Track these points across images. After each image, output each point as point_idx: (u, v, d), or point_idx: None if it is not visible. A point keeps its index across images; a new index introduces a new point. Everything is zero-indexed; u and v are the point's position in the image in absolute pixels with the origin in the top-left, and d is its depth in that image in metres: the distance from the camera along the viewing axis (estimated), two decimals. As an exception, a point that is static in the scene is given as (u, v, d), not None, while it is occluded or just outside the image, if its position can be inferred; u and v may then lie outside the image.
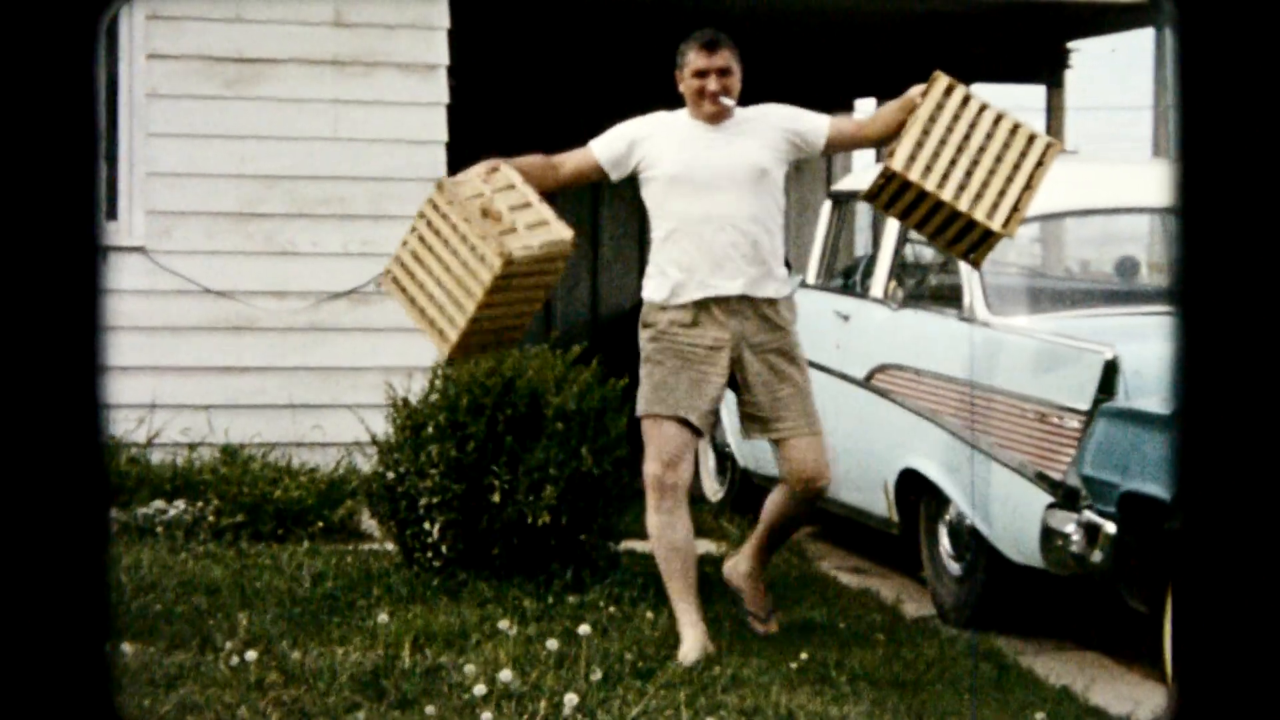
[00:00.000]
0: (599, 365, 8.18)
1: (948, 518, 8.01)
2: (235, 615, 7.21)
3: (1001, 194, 6.69)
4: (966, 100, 6.79)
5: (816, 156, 7.28)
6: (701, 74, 6.95)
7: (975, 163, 6.70)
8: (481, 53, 13.38)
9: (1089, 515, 6.83)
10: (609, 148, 7.03)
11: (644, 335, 7.02)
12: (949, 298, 8.11)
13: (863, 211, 10.94)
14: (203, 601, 7.52)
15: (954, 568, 7.98)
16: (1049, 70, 15.84)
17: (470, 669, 6.47)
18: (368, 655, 6.67)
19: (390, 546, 8.38)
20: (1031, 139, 6.79)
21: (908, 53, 15.80)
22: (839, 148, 7.34)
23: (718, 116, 6.97)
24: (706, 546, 8.96)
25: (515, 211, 6.51)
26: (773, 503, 7.27)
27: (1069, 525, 6.93)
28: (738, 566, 7.41)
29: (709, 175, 6.89)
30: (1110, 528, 6.74)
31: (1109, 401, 6.85)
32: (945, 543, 8.05)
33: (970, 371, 7.63)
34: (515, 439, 7.85)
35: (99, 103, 2.14)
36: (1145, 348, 6.96)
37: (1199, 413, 2.13)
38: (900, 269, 8.74)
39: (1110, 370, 6.88)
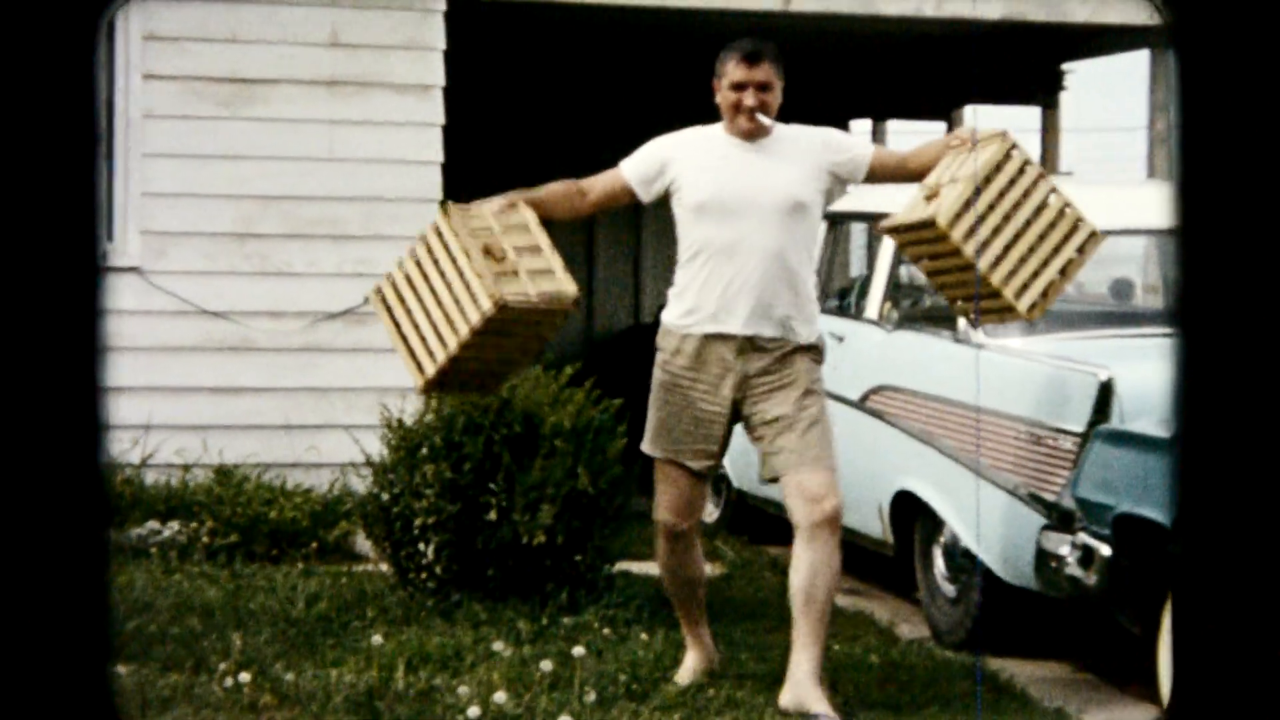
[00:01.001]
0: (593, 386, 8.17)
1: (942, 539, 8.01)
2: (229, 636, 7.20)
3: (1035, 275, 6.36)
4: (1024, 167, 6.41)
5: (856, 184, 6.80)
6: (739, 87, 6.50)
7: (1018, 235, 6.34)
8: (478, 74, 13.38)
9: (1084, 537, 6.83)
10: (639, 168, 6.64)
11: (657, 359, 6.68)
12: (944, 319, 8.11)
13: (858, 232, 10.94)
14: (197, 623, 7.51)
15: (948, 589, 7.98)
16: (1044, 91, 15.87)
17: (464, 690, 6.47)
18: (362, 677, 6.66)
19: (385, 567, 8.37)
20: (1077, 224, 6.43)
21: (903, 74, 15.84)
22: (879, 180, 6.79)
23: (753, 134, 6.52)
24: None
25: (522, 254, 6.21)
26: (792, 569, 6.47)
27: (1063, 547, 6.94)
28: (795, 676, 6.38)
29: (739, 203, 6.45)
30: (1105, 550, 6.74)
31: (1104, 423, 6.86)
32: (940, 564, 8.05)
33: (966, 392, 7.63)
34: (511, 458, 7.84)
35: (99, 106, 2.14)
36: (1140, 369, 6.97)
37: (1198, 433, 2.13)
38: (895, 290, 8.74)
39: (1105, 392, 6.88)
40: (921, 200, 6.40)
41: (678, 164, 6.56)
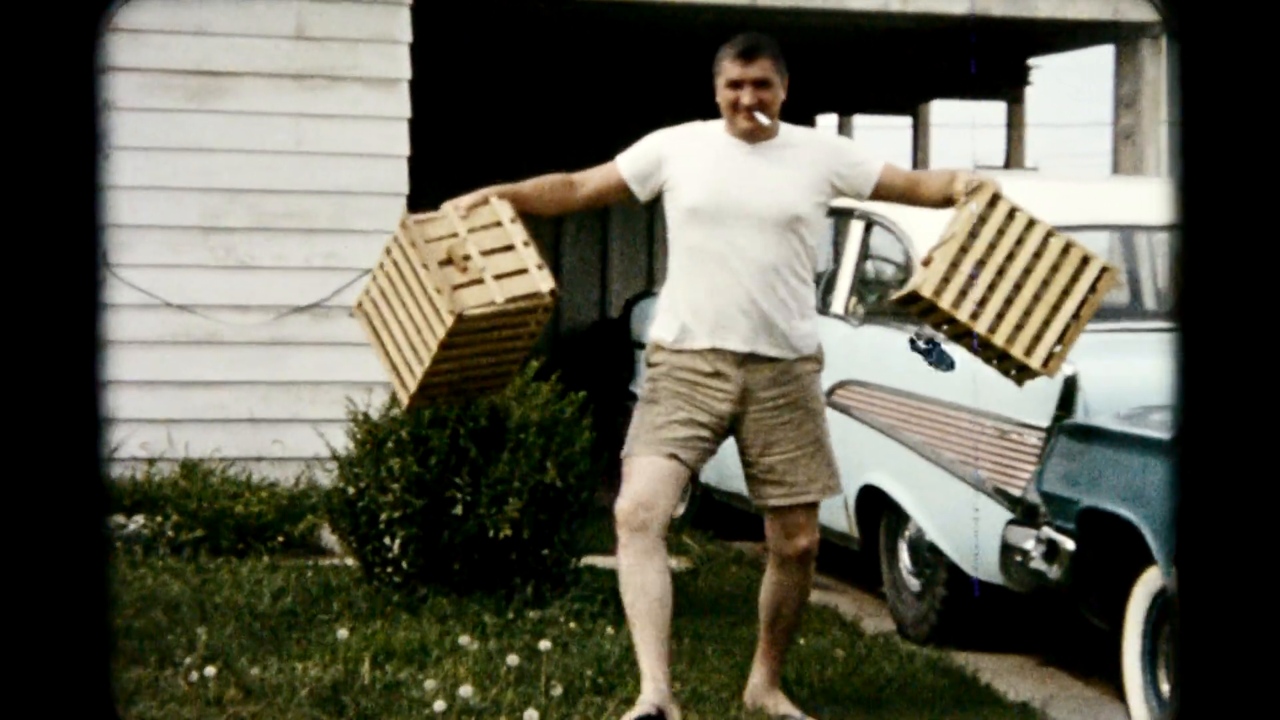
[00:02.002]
0: (558, 381, 8.18)
1: (907, 534, 8.04)
2: (194, 631, 7.19)
3: (1046, 325, 5.85)
4: (1013, 214, 5.90)
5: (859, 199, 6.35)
6: (735, 85, 6.09)
7: (1018, 287, 5.85)
8: (445, 67, 13.37)
9: (1048, 531, 6.86)
10: (635, 163, 6.23)
11: (645, 376, 6.29)
12: (908, 315, 8.13)
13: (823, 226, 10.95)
14: (162, 617, 7.50)
15: (913, 584, 8.00)
16: (1010, 86, 15.92)
17: (430, 685, 6.47)
18: (327, 671, 6.66)
19: (350, 562, 8.36)
20: (1085, 262, 5.91)
21: (869, 69, 15.86)
22: (883, 199, 6.33)
23: (753, 134, 6.11)
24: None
25: (490, 256, 5.90)
26: (763, 586, 6.42)
27: (1028, 541, 6.96)
28: (753, 680, 6.47)
29: (734, 209, 6.04)
30: (1069, 544, 6.77)
31: (1068, 418, 6.88)
32: (905, 559, 8.08)
33: (931, 387, 7.65)
34: (478, 452, 7.84)
35: (102, 105, 2.13)
36: (1105, 364, 7.00)
37: (1199, 434, 2.13)
38: (861, 285, 8.76)
39: (1070, 387, 6.91)
40: (920, 270, 6.00)
41: (674, 161, 6.17)
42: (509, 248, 5.97)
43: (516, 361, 6.30)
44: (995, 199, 5.89)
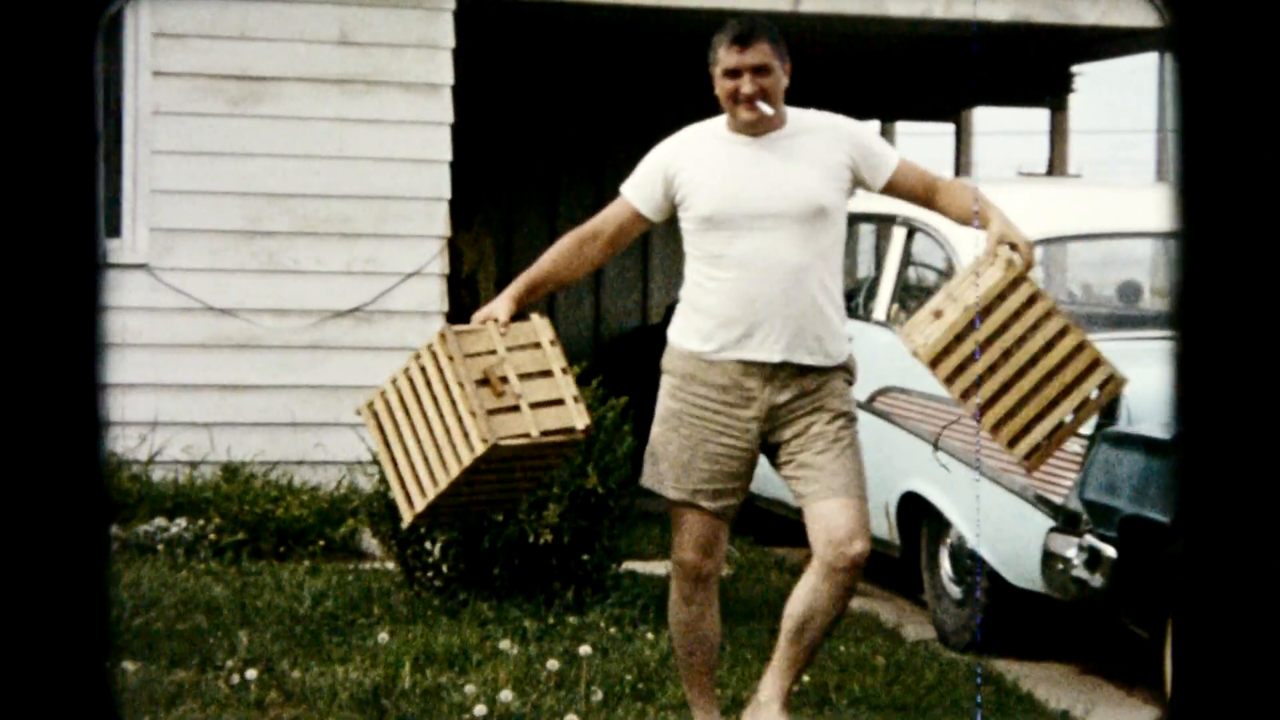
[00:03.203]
0: (600, 386, 8.17)
1: (949, 541, 8.02)
2: (236, 634, 7.21)
3: (1038, 419, 5.52)
4: (1033, 300, 5.51)
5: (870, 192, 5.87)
6: (733, 74, 5.62)
7: (1020, 374, 5.52)
8: (487, 73, 13.39)
9: (1090, 539, 6.83)
10: (641, 189, 5.79)
11: (664, 384, 5.81)
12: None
13: (865, 234, 10.95)
14: (203, 620, 7.53)
15: (955, 591, 7.98)
16: (1053, 93, 15.87)
17: (470, 689, 6.47)
18: (368, 675, 6.67)
19: (391, 566, 8.38)
20: (1094, 365, 5.55)
21: (911, 76, 15.84)
22: (895, 195, 5.83)
23: (757, 125, 5.64)
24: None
25: (528, 381, 5.53)
26: (795, 594, 5.80)
27: (1070, 549, 6.93)
28: (760, 698, 5.81)
29: (752, 211, 5.59)
30: (1111, 552, 6.74)
31: (1110, 426, 6.86)
32: (946, 566, 8.06)
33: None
34: (517, 459, 7.84)
35: (98, 104, 2.13)
36: (1147, 372, 6.96)
37: (1200, 436, 2.13)
38: (903, 292, 8.74)
39: (1112, 395, 6.88)
40: (929, 316, 5.62)
41: (680, 172, 5.71)
42: (546, 373, 5.58)
43: (530, 490, 5.94)
44: (1019, 279, 5.50)
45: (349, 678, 6.63)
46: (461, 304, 14.43)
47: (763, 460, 6.02)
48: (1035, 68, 15.09)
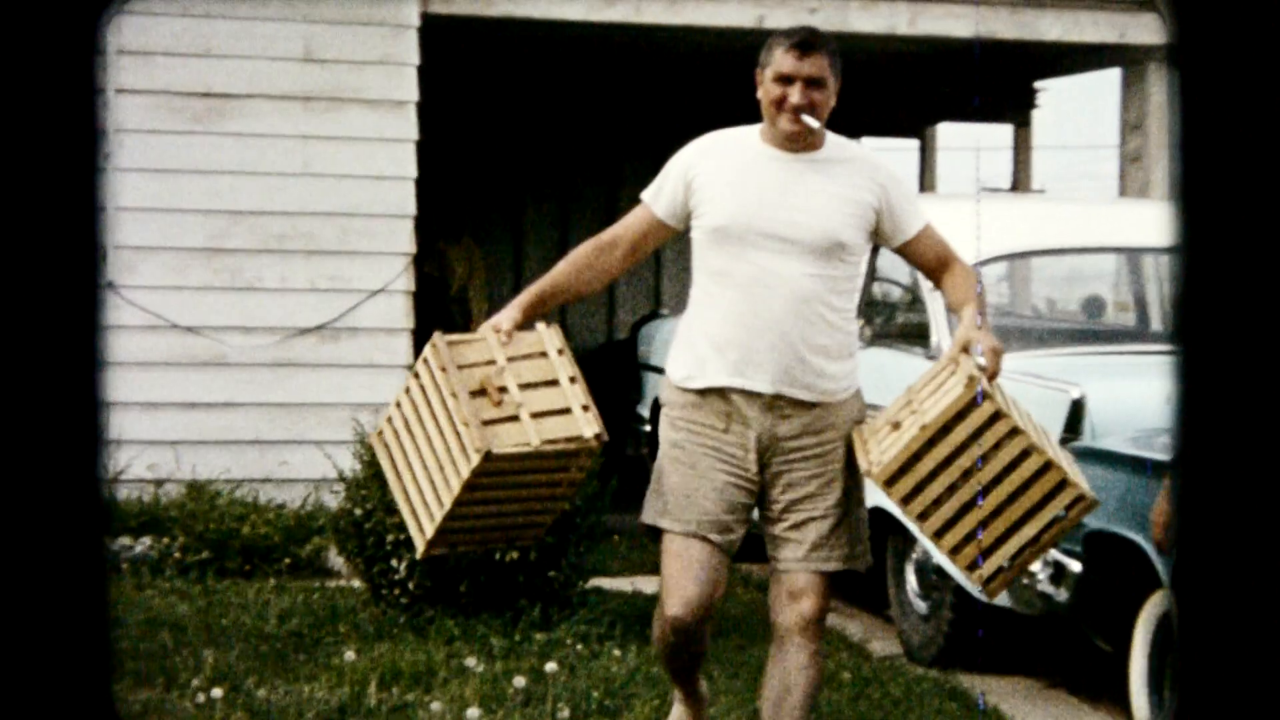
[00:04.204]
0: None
1: (914, 556, 8.03)
2: (201, 652, 7.19)
3: (999, 543, 5.15)
4: (995, 417, 5.12)
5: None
6: (785, 80, 5.19)
7: (979, 495, 5.16)
8: (452, 89, 13.39)
9: (1055, 554, 6.85)
10: (662, 194, 5.38)
11: (664, 416, 5.43)
12: (916, 336, 8.13)
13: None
14: (168, 638, 7.50)
15: (920, 606, 7.99)
16: (1016, 109, 15.94)
17: (437, 707, 6.46)
18: (334, 693, 6.66)
19: (357, 583, 8.36)
20: (1061, 485, 5.14)
21: (876, 92, 15.88)
22: (907, 258, 5.46)
23: (798, 140, 5.22)
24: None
25: (530, 390, 5.20)
26: (765, 677, 5.42)
27: (1035, 564, 6.95)
28: None
29: (766, 229, 5.19)
30: (1076, 566, 6.76)
31: (1075, 440, 6.88)
32: (912, 581, 8.07)
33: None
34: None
35: (101, 109, 2.13)
36: (1111, 387, 7.00)
37: (1200, 455, 2.13)
38: (868, 307, 8.76)
39: (1077, 409, 6.91)
40: (886, 428, 5.26)
41: (699, 177, 5.30)
42: (552, 383, 5.24)
43: (554, 511, 5.52)
44: (982, 394, 5.09)
45: (315, 696, 6.61)
46: (452, 320, 14.45)
47: None
48: (999, 84, 15.15)
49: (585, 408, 5.20)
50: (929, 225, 5.37)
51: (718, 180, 5.26)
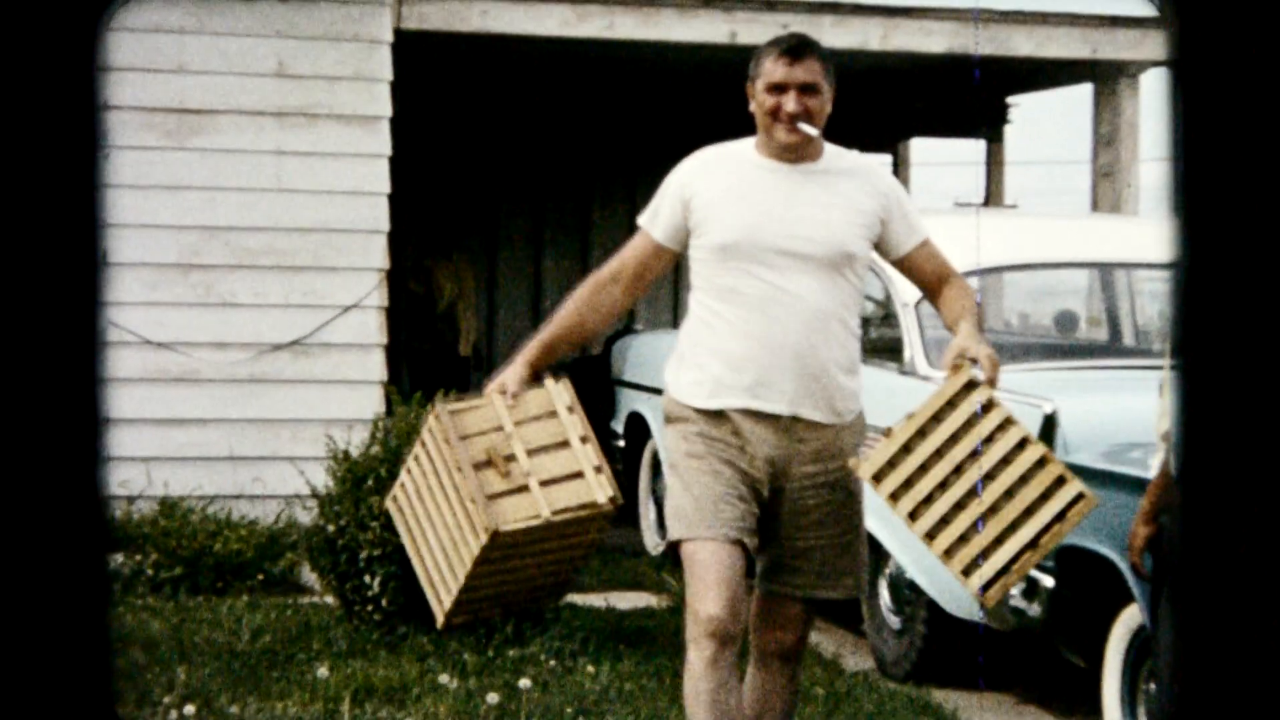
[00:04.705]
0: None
1: (887, 571, 8.04)
2: (174, 669, 7.17)
3: (996, 544, 4.89)
4: (989, 407, 4.91)
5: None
6: (778, 89, 5.05)
7: (973, 493, 4.91)
8: (425, 105, 13.40)
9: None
10: (659, 218, 5.18)
11: (674, 432, 5.16)
12: (889, 351, 8.15)
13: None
14: (141, 655, 7.48)
15: (893, 621, 8.00)
16: (989, 124, 15.98)
17: (410, 724, 6.46)
18: (307, 710, 6.64)
19: (330, 600, 8.35)
20: (1060, 482, 4.91)
21: (848, 106, 15.92)
22: (905, 272, 5.29)
23: (796, 150, 5.06)
24: (647, 600, 8.96)
25: (539, 456, 5.01)
26: (746, 694, 5.27)
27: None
28: None
29: (775, 244, 5.00)
30: (1048, 582, 6.77)
31: (1047, 456, 6.89)
32: (885, 596, 8.07)
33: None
34: (456, 492, 7.83)
35: (101, 113, 2.12)
36: (1084, 402, 7.01)
37: (1201, 475, 2.13)
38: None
39: (1049, 424, 6.92)
40: (882, 439, 5.03)
41: (698, 195, 5.11)
42: (563, 444, 5.05)
43: (574, 569, 5.32)
44: (972, 384, 4.90)
45: (288, 713, 6.60)
46: (440, 337, 14.44)
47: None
48: (972, 99, 15.18)
49: (598, 469, 5.02)
50: (929, 239, 5.23)
51: (718, 196, 5.08)
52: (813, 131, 5.04)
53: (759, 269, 5.01)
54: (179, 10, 10.05)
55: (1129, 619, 6.32)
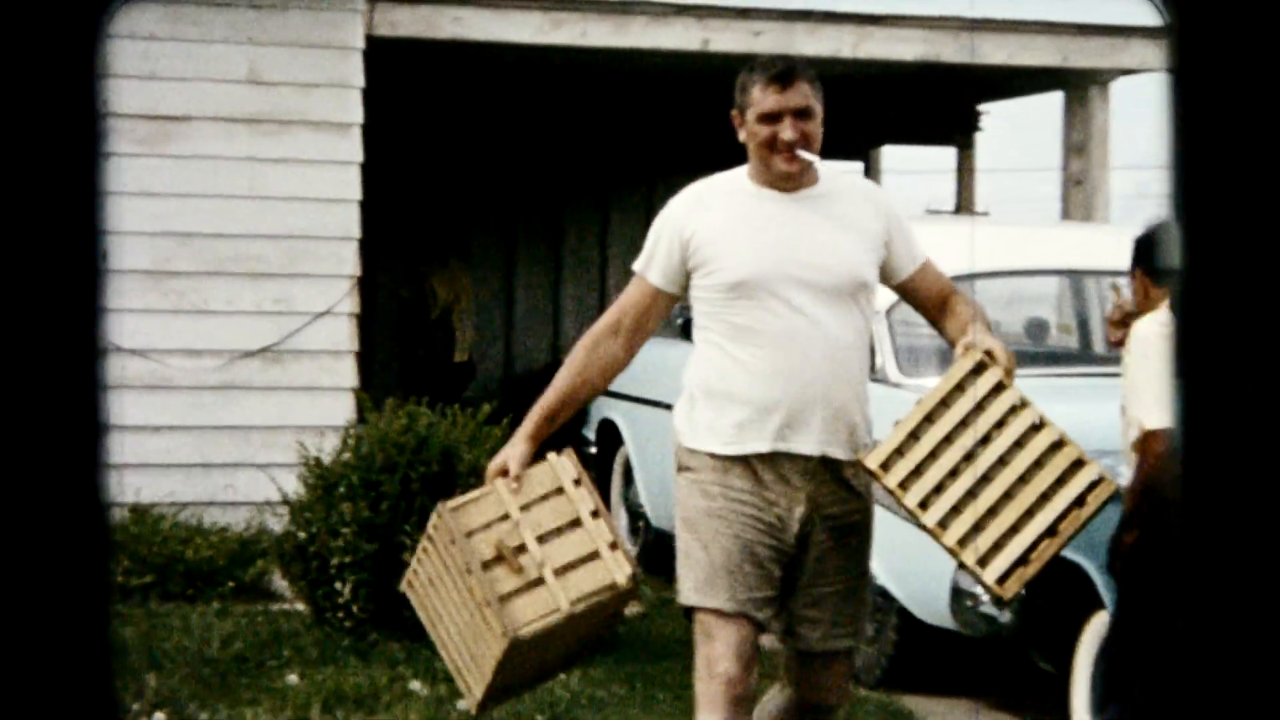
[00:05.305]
0: (510, 425, 8.17)
1: (859, 578, 8.05)
2: (144, 676, 7.16)
3: (1013, 531, 4.65)
4: (999, 389, 4.69)
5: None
6: (772, 118, 4.82)
7: (986, 479, 4.65)
8: (398, 112, 13.38)
9: (998, 576, 6.87)
10: (655, 261, 4.91)
11: (688, 482, 4.88)
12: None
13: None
14: (111, 662, 7.46)
15: (865, 628, 8.01)
16: (960, 132, 16.02)
17: (381, 730, 6.46)
18: (277, 717, 6.64)
19: (301, 607, 8.34)
20: (1077, 465, 4.69)
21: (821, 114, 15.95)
22: (906, 296, 5.07)
23: (794, 179, 4.85)
24: (619, 606, 8.97)
25: (550, 542, 4.74)
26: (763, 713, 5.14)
27: (978, 586, 6.98)
28: None
29: (792, 276, 4.76)
30: (1019, 588, 6.78)
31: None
32: (856, 603, 8.08)
33: (881, 430, 7.66)
34: (429, 497, 7.83)
35: (103, 113, 2.12)
36: (1054, 409, 7.02)
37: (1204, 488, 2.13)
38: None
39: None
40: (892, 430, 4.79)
41: (697, 233, 4.84)
42: (574, 523, 4.79)
43: (602, 636, 5.15)
44: (981, 367, 4.68)
45: (258, 720, 6.60)
46: (434, 344, 14.42)
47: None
48: (943, 107, 15.23)
49: (613, 545, 4.77)
50: (929, 258, 5.02)
51: (719, 233, 4.82)
52: (813, 159, 4.84)
53: (775, 304, 4.75)
54: (150, 16, 10.03)
55: (1099, 625, 6.34)
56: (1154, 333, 5.55)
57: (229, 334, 10.14)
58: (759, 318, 4.75)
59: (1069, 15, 11.86)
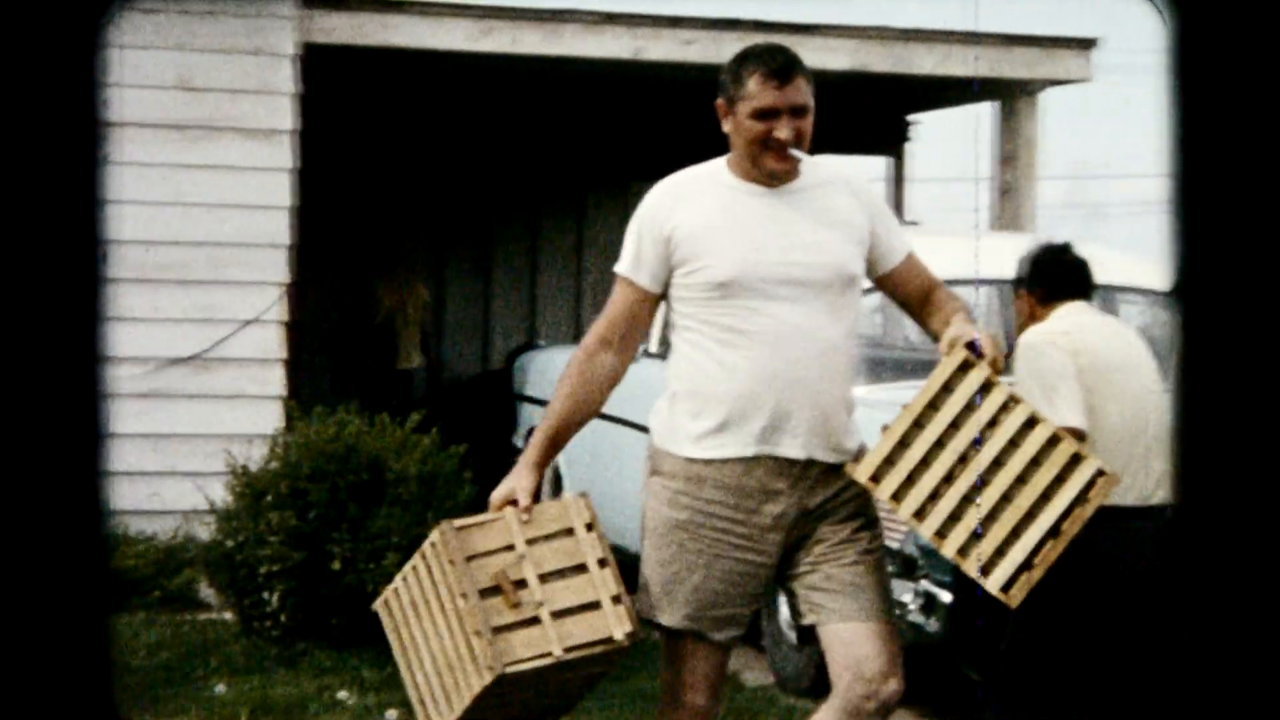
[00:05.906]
0: (439, 434, 8.16)
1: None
2: (68, 686, 7.10)
3: (1014, 535, 4.49)
4: (988, 387, 4.51)
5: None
6: (768, 114, 4.62)
7: (983, 483, 4.50)
8: (341, 118, 13.34)
9: (926, 584, 6.89)
10: (642, 261, 4.69)
11: (658, 490, 4.71)
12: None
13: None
14: (35, 672, 7.41)
15: (792, 636, 8.01)
16: (891, 142, 16.07)
17: (308, 741, 6.42)
18: (204, 727, 6.60)
19: (229, 616, 8.30)
20: (1075, 461, 4.51)
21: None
22: (888, 290, 4.87)
23: (783, 177, 4.68)
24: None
25: (553, 582, 4.57)
26: None
27: (906, 594, 6.99)
28: None
29: (780, 274, 4.59)
30: (946, 597, 6.81)
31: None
32: (784, 611, 8.09)
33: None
34: (357, 506, 7.80)
35: (103, 113, 2.11)
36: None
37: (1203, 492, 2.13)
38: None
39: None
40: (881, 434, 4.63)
41: (680, 226, 4.64)
42: (580, 568, 4.61)
43: (587, 688, 4.91)
44: (967, 365, 4.51)
45: (184, 730, 6.56)
46: (379, 350, 14.38)
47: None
48: (874, 116, 15.27)
49: (616, 599, 4.58)
50: (913, 251, 4.83)
51: (702, 228, 4.63)
52: (802, 158, 4.65)
53: (763, 304, 4.58)
54: (78, 21, 9.97)
55: (1026, 634, 6.35)
56: (1041, 340, 5.72)
57: (156, 341, 10.07)
58: (746, 317, 4.59)
59: (1025, 25, 11.94)
